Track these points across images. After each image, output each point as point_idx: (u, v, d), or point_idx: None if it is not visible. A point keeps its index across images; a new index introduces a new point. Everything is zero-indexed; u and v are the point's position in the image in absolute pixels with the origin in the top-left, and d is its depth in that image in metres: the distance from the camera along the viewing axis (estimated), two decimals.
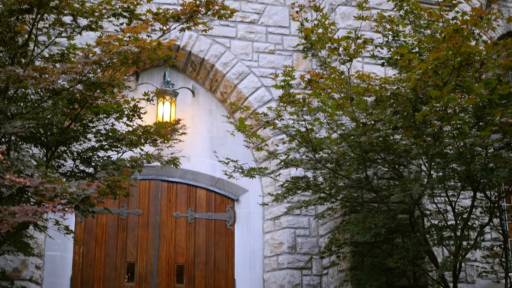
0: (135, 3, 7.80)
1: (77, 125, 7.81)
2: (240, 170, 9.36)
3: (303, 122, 8.68)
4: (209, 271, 11.12)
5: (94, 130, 8.06)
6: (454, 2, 9.29)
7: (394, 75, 8.89)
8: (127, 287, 10.71)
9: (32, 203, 6.67)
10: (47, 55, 7.85)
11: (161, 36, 7.64)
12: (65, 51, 7.78)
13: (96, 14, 7.68)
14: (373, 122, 8.64)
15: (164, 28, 7.75)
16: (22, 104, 7.37)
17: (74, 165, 8.05)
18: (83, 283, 10.52)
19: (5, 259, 9.07)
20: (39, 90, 7.32)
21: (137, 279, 10.77)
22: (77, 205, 6.76)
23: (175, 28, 7.87)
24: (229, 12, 7.90)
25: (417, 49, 8.83)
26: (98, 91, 7.30)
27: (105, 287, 10.60)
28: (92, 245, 10.74)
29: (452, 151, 8.14)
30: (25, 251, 8.32)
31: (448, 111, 7.64)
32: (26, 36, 7.50)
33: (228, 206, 11.53)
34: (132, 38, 7.16)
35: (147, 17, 7.81)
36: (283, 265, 10.99)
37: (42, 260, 10.00)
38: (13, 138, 7.41)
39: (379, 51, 9.81)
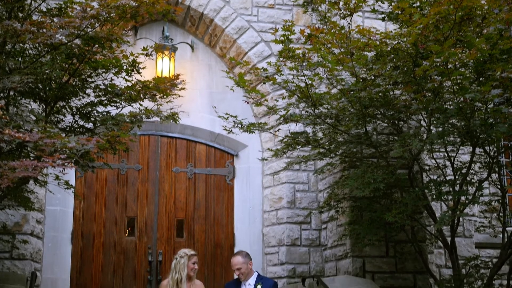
0: None
1: (75, 80, 7.78)
2: (240, 126, 9.35)
3: (303, 77, 8.64)
4: (209, 226, 11.21)
5: (93, 85, 8.03)
6: None
7: (395, 29, 8.81)
8: (128, 241, 10.81)
9: (31, 158, 6.68)
10: (44, 9, 7.76)
11: None
12: (63, 5, 7.68)
13: None
14: (373, 77, 8.61)
15: None
16: (20, 59, 7.32)
17: (73, 120, 8.04)
18: (84, 237, 10.61)
19: (6, 214, 9.13)
20: (37, 44, 7.26)
21: (138, 234, 10.86)
22: (76, 160, 6.77)
23: None
24: None
25: (418, 4, 8.73)
26: (97, 46, 7.25)
27: (105, 241, 10.69)
28: (93, 200, 10.80)
29: (452, 107, 8.12)
30: (25, 206, 8.37)
31: (449, 66, 7.60)
32: None
33: (228, 161, 11.56)
34: None
35: None
36: (282, 220, 11.07)
37: (43, 215, 10.06)
38: (11, 93, 7.39)
39: (380, 6, 9.71)
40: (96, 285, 10.50)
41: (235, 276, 7.34)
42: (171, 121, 8.47)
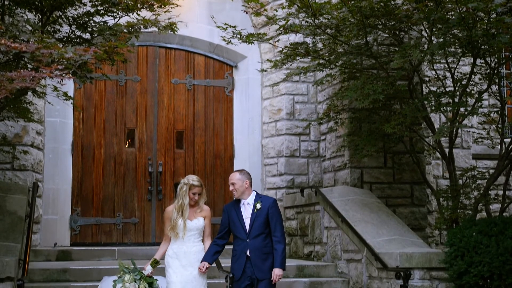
0: None
1: None
2: (239, 36, 9.24)
3: None
4: (208, 137, 11.26)
5: None
6: None
7: None
8: (128, 153, 10.88)
9: (29, 69, 6.63)
10: None
11: None
12: None
13: None
14: None
15: None
16: None
17: (70, 30, 7.93)
18: (84, 148, 10.67)
19: (5, 125, 9.15)
20: None
21: (137, 145, 10.92)
22: (74, 71, 6.72)
23: None
24: None
25: None
26: None
27: (106, 153, 10.76)
28: (92, 111, 10.79)
29: (454, 17, 8.00)
30: (25, 117, 8.37)
31: None
32: None
33: (227, 73, 11.49)
34: None
35: None
36: (281, 131, 11.11)
37: (42, 126, 10.08)
38: (6, 2, 7.25)
39: None
40: (97, 196, 10.64)
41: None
42: (169, 31, 8.36)
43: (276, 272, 6.59)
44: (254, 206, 6.81)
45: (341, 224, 8.98)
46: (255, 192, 6.98)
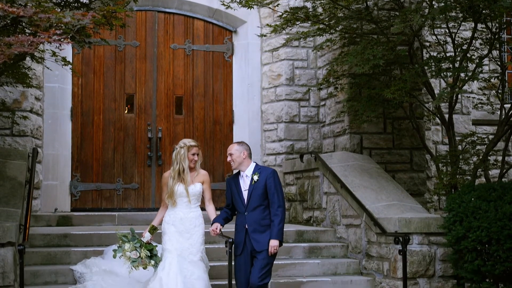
0: None
1: None
2: (238, 0, 9.16)
3: None
4: (208, 103, 11.23)
5: None
6: None
7: None
8: (127, 118, 10.86)
9: (27, 34, 6.57)
10: None
11: None
12: None
13: None
14: None
15: None
16: None
17: None
18: (83, 114, 10.65)
19: (4, 91, 9.12)
20: None
21: (137, 110, 10.89)
22: (73, 35, 6.66)
23: None
24: None
25: None
26: None
27: (105, 118, 10.74)
28: (91, 76, 10.75)
29: None
30: (23, 82, 8.33)
31: None
32: None
33: (226, 38, 11.42)
34: None
35: None
36: (281, 97, 11.08)
37: (41, 92, 10.05)
38: None
39: None
40: (97, 161, 10.65)
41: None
42: None
43: (271, 243, 6.55)
44: (252, 178, 6.74)
45: (340, 190, 9.01)
46: (254, 164, 6.89)
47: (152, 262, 6.77)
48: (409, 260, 7.67)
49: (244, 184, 6.80)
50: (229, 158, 6.89)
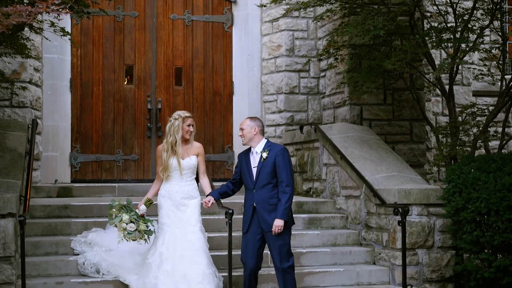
0: None
1: None
2: None
3: None
4: (207, 74, 11.18)
5: None
6: None
7: None
8: (127, 89, 10.83)
9: (25, 4, 6.52)
10: None
11: None
12: None
13: None
14: None
15: None
16: None
17: None
18: (82, 85, 10.62)
19: (3, 62, 9.07)
20: None
21: (136, 82, 10.85)
22: (71, 5, 6.63)
23: None
24: None
25: None
26: None
27: (104, 89, 10.71)
28: (90, 47, 10.69)
29: None
30: (22, 53, 8.29)
31: None
32: None
33: (226, 8, 11.33)
34: None
35: None
36: (281, 68, 11.04)
37: (40, 63, 10.01)
38: None
39: None
40: (97, 132, 10.64)
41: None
42: None
43: (275, 222, 6.49)
44: (261, 155, 6.66)
45: (340, 161, 9.02)
46: (265, 140, 6.77)
47: (146, 236, 6.76)
48: (408, 231, 7.71)
49: (254, 160, 6.72)
50: (240, 133, 6.82)
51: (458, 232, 7.54)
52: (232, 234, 6.81)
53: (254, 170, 6.67)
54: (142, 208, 6.87)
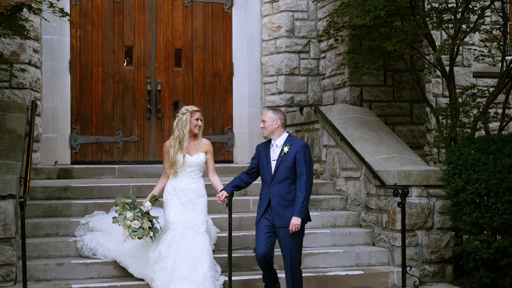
0: None
1: None
2: None
3: None
4: (207, 55, 11.15)
5: None
6: None
7: None
8: (126, 71, 10.80)
9: None
10: None
11: None
12: None
13: None
14: None
15: None
16: None
17: None
18: (82, 66, 10.59)
19: (2, 43, 9.04)
20: None
21: (136, 63, 10.82)
22: None
23: None
24: None
25: None
26: None
27: (104, 71, 10.68)
28: (89, 28, 10.64)
29: None
30: (21, 34, 8.26)
31: None
32: None
33: None
34: None
35: None
36: (280, 49, 11.00)
37: (39, 44, 9.96)
38: None
39: None
40: (97, 114, 10.63)
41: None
42: None
43: (293, 221, 6.32)
44: (282, 149, 6.49)
45: (340, 142, 9.02)
46: (287, 134, 6.63)
47: (151, 233, 6.63)
48: (408, 212, 7.73)
49: (274, 154, 6.56)
50: (261, 125, 6.65)
51: (457, 214, 7.55)
52: (232, 216, 6.81)
53: (273, 164, 6.50)
54: (147, 205, 6.70)
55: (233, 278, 6.84)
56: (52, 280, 6.93)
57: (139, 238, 6.62)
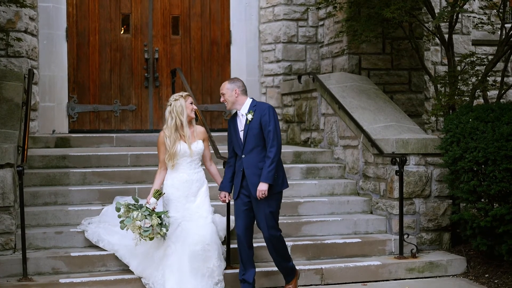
0: None
1: None
2: None
3: None
4: (205, 23, 11.06)
5: None
6: None
7: None
8: (123, 39, 10.72)
9: None
10: None
11: None
12: None
13: None
14: None
15: None
16: None
17: None
18: (78, 34, 10.51)
19: None
20: None
21: (133, 31, 10.74)
22: None
23: None
24: None
25: None
26: None
27: (100, 39, 10.60)
28: None
29: None
30: (17, 2, 8.19)
31: None
32: None
33: None
34: None
35: None
36: (279, 17, 10.92)
37: (35, 12, 9.88)
38: None
39: None
40: (94, 83, 10.58)
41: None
42: None
43: (259, 187, 6.07)
44: (246, 118, 6.19)
45: (338, 111, 9.00)
46: (250, 100, 6.30)
47: (164, 230, 6.19)
48: (406, 180, 7.74)
49: (240, 124, 6.26)
50: (222, 99, 6.33)
51: (455, 182, 7.56)
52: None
53: (241, 134, 6.22)
54: (152, 202, 6.28)
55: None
56: (51, 249, 6.95)
57: (151, 239, 6.21)
